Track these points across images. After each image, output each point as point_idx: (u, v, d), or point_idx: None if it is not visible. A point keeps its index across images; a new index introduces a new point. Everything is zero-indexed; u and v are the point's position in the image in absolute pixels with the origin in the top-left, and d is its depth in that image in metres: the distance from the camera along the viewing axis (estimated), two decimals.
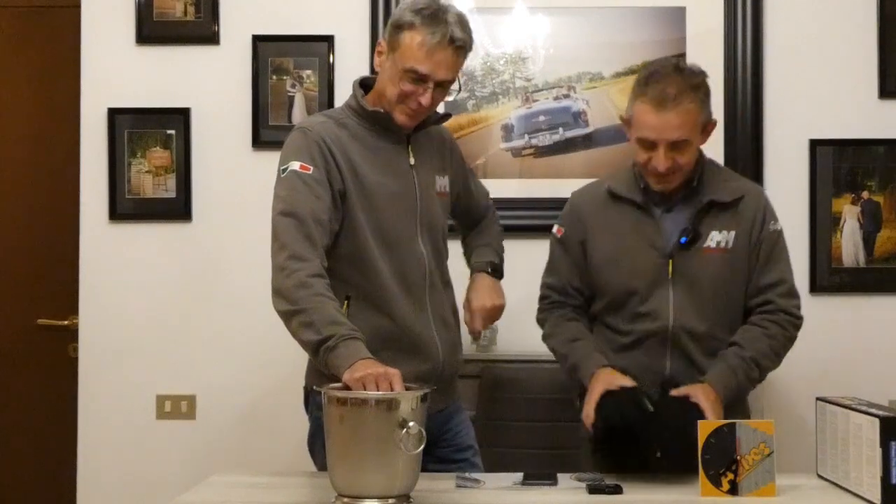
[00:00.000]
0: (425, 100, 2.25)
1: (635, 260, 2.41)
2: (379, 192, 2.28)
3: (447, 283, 2.43)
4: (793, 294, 2.44)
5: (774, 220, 2.45)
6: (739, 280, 2.41)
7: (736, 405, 2.38)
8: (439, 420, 2.31)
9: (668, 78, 2.31)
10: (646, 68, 2.41)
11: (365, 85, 2.39)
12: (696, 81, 2.35)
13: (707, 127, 2.40)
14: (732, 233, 2.40)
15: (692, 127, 2.32)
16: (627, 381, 2.28)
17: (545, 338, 2.58)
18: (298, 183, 2.21)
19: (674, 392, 2.25)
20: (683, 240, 2.37)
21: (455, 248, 2.58)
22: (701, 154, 2.45)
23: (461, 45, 2.25)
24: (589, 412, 2.27)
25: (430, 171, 2.38)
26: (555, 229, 2.56)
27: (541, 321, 2.61)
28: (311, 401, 2.38)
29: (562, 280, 2.55)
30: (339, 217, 2.25)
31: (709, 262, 2.39)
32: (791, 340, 2.42)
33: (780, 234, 2.45)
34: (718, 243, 2.39)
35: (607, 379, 2.30)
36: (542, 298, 2.61)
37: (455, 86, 2.31)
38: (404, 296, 2.29)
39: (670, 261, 2.38)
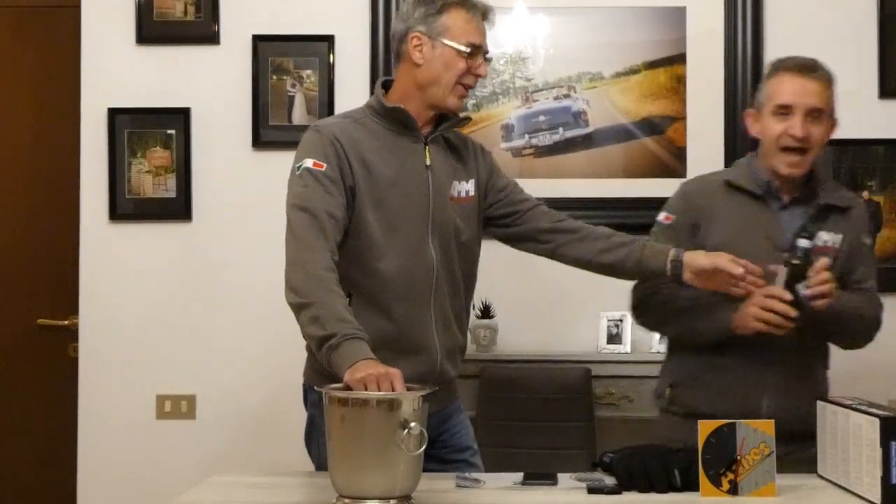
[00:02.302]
0: (483, 70, 2.34)
1: (749, 248, 2.39)
2: (391, 191, 2.28)
3: (456, 287, 2.41)
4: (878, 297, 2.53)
5: (869, 232, 2.53)
6: (838, 281, 2.45)
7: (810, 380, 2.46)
8: (437, 420, 2.31)
9: (801, 57, 2.44)
10: (777, 59, 2.49)
11: (385, 87, 2.40)
12: (826, 70, 2.45)
13: (832, 120, 2.45)
14: (840, 236, 2.44)
15: (826, 102, 2.40)
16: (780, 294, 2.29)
17: (653, 306, 2.52)
18: (311, 180, 2.22)
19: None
20: (803, 242, 2.35)
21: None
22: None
23: (491, 19, 2.38)
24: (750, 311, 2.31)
25: (447, 175, 2.38)
26: (661, 217, 2.53)
27: (640, 301, 2.55)
28: (309, 397, 2.39)
29: None
30: (350, 214, 2.26)
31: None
32: (877, 322, 2.51)
33: (870, 246, 2.54)
34: (826, 242, 2.43)
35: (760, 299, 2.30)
36: (635, 289, 2.56)
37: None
38: (406, 297, 2.29)
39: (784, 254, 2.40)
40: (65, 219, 3.77)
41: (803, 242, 2.30)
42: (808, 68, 2.40)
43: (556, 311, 3.48)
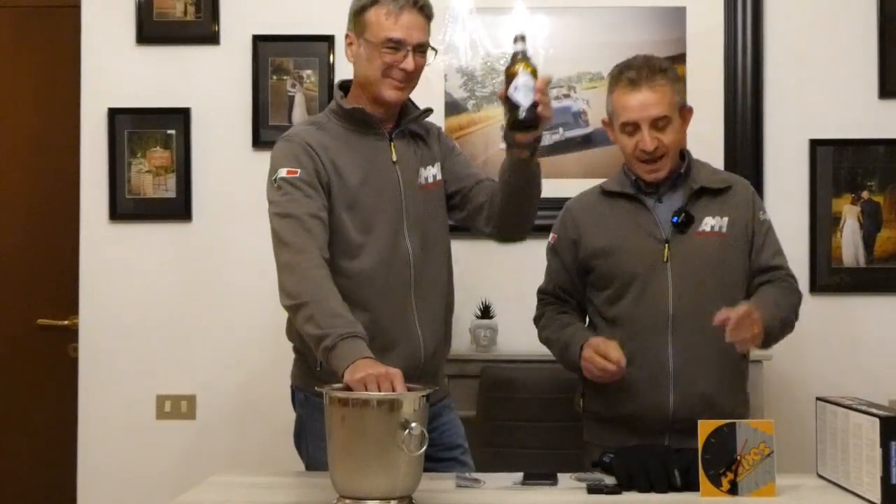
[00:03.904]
0: (408, 64, 2.31)
1: (633, 246, 2.48)
2: (362, 190, 2.31)
3: (438, 279, 2.41)
4: (791, 272, 2.56)
5: (763, 210, 2.56)
6: (736, 265, 2.49)
7: (735, 391, 2.49)
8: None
9: (635, 64, 2.47)
10: (615, 66, 2.54)
11: (344, 88, 2.44)
12: (663, 66, 2.49)
13: (684, 112, 2.51)
14: (726, 218, 2.49)
15: (669, 104, 2.44)
16: (614, 349, 2.35)
17: (541, 330, 2.65)
18: (289, 187, 2.26)
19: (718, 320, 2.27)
20: (675, 219, 2.46)
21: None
22: (686, 150, 2.57)
23: (423, 7, 2.33)
24: (593, 359, 2.36)
25: (414, 165, 2.40)
26: (550, 238, 2.65)
27: (536, 318, 2.68)
28: (297, 398, 2.42)
29: (552, 284, 2.65)
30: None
31: (705, 245, 2.46)
32: (798, 302, 2.52)
33: (769, 223, 2.56)
34: (713, 227, 2.48)
35: (595, 344, 2.38)
36: (537, 302, 2.70)
37: (430, 53, 2.36)
38: (385, 292, 2.30)
39: (667, 245, 2.45)
40: (65, 219, 3.77)
41: (516, 46, 2.25)
42: (643, 79, 2.42)
43: None
